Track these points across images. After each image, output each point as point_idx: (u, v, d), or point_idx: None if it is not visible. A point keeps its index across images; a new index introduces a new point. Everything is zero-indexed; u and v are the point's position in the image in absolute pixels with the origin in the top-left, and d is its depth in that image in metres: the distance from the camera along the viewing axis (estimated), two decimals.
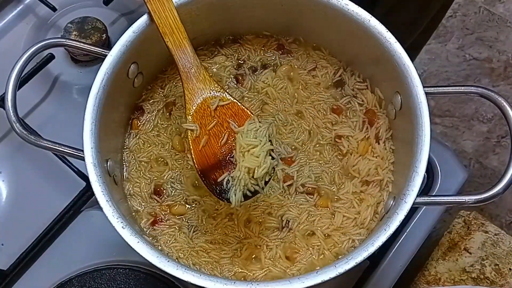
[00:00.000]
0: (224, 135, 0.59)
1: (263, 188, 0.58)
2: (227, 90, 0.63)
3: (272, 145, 0.59)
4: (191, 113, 0.60)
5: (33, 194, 0.75)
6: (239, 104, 0.61)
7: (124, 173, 0.66)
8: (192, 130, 0.60)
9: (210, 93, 0.61)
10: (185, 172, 0.66)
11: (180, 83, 0.71)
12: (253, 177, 0.57)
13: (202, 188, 0.65)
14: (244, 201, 0.58)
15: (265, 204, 0.64)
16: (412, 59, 0.60)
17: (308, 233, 0.64)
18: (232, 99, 0.61)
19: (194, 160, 0.59)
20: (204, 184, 0.59)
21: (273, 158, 0.58)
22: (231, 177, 0.57)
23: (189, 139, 0.60)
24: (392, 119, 0.66)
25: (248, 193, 0.58)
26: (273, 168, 0.58)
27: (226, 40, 0.72)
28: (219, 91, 0.61)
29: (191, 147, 0.59)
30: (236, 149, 0.58)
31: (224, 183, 0.58)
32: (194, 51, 0.60)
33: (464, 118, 1.78)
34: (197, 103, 0.60)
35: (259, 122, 0.59)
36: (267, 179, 0.58)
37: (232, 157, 0.58)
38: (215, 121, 0.60)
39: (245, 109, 0.60)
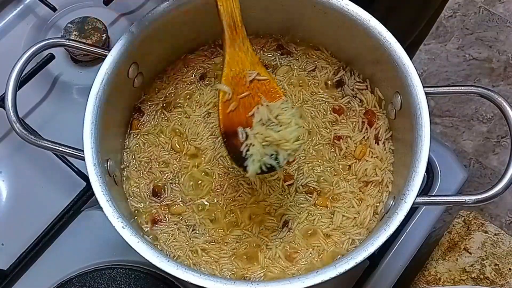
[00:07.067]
0: (254, 109, 0.59)
1: (280, 167, 0.58)
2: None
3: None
4: (228, 77, 0.60)
5: (33, 194, 0.75)
6: (275, 83, 0.61)
7: (124, 173, 0.66)
8: (224, 92, 0.59)
9: (250, 64, 0.60)
10: (184, 173, 0.66)
11: (180, 85, 0.71)
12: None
13: (200, 188, 0.65)
14: (258, 174, 0.57)
15: (264, 203, 0.65)
16: (410, 57, 0.60)
17: (308, 232, 0.64)
18: (270, 77, 0.61)
19: (220, 121, 0.59)
20: (225, 146, 0.59)
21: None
22: (252, 145, 0.57)
23: (219, 100, 0.59)
24: (392, 119, 0.66)
25: (264, 168, 0.57)
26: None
27: None
28: (258, 65, 0.61)
29: (220, 108, 0.59)
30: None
31: (244, 151, 0.57)
32: (243, 22, 0.60)
33: (464, 118, 1.78)
34: (235, 69, 0.60)
35: (292, 106, 0.59)
36: (290, 160, 0.58)
37: None
38: (247, 93, 0.60)
39: (279, 90, 0.60)
